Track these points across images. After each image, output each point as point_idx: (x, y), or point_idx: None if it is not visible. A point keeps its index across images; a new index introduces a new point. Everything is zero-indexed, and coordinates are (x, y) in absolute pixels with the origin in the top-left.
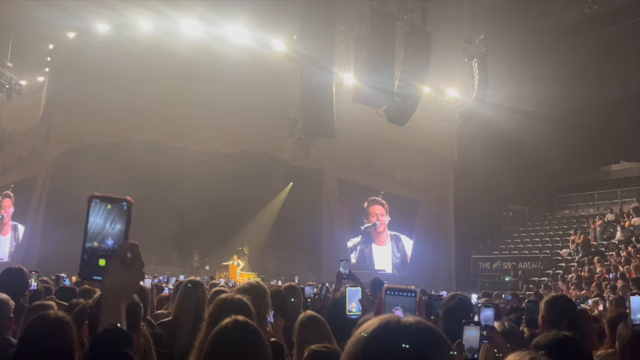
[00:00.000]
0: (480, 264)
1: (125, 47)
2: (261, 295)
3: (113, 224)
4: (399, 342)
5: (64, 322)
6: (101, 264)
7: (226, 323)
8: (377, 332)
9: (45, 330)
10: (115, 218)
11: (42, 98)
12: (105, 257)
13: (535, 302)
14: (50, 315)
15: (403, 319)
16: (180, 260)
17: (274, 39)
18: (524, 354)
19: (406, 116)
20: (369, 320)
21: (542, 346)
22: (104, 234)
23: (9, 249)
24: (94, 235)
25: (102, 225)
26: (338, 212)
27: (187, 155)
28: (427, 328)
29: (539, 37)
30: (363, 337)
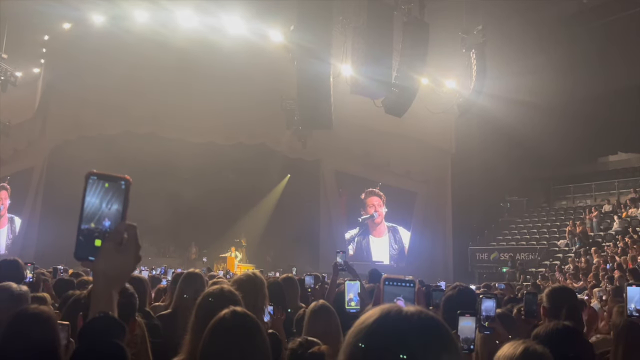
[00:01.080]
0: (478, 255)
1: (121, 38)
2: (258, 287)
3: (110, 204)
4: (401, 331)
5: (43, 316)
6: (97, 245)
7: (224, 314)
8: (379, 322)
9: (25, 326)
10: (113, 198)
11: (37, 89)
12: (102, 237)
13: (534, 293)
14: (29, 311)
15: (404, 308)
16: (178, 252)
17: (270, 30)
18: (518, 343)
19: (404, 107)
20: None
21: (542, 336)
22: (101, 214)
23: (6, 241)
24: (90, 215)
25: (98, 205)
26: (335, 204)
27: (184, 147)
28: (429, 317)
29: (537, 28)
30: (364, 327)
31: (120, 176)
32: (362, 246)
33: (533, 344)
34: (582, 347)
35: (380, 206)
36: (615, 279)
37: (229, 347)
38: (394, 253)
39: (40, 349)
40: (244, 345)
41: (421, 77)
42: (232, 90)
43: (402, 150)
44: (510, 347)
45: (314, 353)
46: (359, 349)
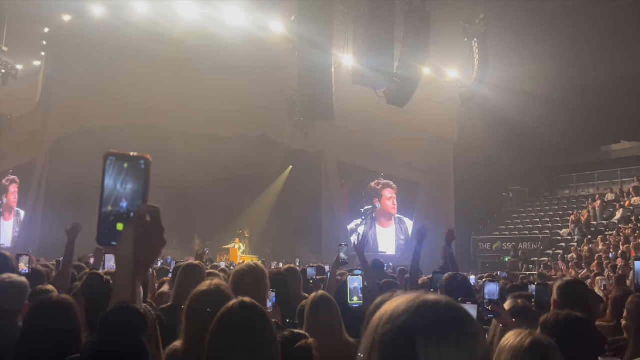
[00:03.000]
0: (481, 244)
1: (120, 30)
2: (260, 277)
3: (125, 183)
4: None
5: (65, 304)
6: (119, 229)
7: (232, 304)
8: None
9: (48, 314)
10: (131, 177)
11: (38, 82)
12: (124, 221)
13: (544, 285)
14: (52, 299)
15: (433, 297)
16: (181, 244)
17: (271, 20)
18: (525, 333)
19: (406, 97)
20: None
21: (552, 326)
22: (117, 195)
23: (12, 234)
24: (108, 198)
25: (113, 186)
26: (338, 195)
27: (186, 139)
28: (457, 307)
29: (539, 16)
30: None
31: (139, 155)
32: (368, 236)
33: (540, 335)
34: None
35: (393, 197)
36: (618, 268)
37: (237, 338)
38: (401, 244)
39: (62, 336)
40: (252, 336)
41: (423, 66)
42: (233, 81)
43: (404, 140)
44: (516, 337)
45: (301, 347)
46: (398, 345)
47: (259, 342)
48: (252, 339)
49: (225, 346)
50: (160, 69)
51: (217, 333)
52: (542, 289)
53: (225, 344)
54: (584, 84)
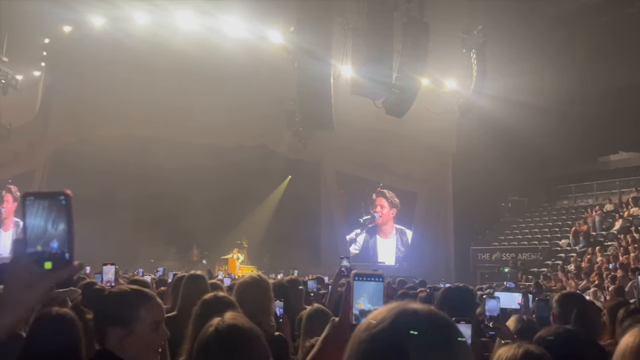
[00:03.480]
0: (480, 255)
1: (121, 41)
2: (264, 289)
3: (55, 224)
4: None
5: (66, 318)
6: (47, 267)
7: (207, 332)
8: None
9: (49, 328)
10: (57, 216)
11: (38, 92)
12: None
13: (545, 300)
14: (53, 312)
15: (417, 307)
16: (180, 254)
17: (270, 31)
18: (516, 346)
19: (404, 108)
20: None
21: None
22: (47, 236)
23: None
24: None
25: (43, 226)
26: (337, 205)
27: (185, 149)
28: (441, 317)
29: (537, 27)
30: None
31: (57, 192)
32: (368, 246)
33: (532, 346)
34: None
35: (384, 207)
36: (617, 279)
37: None
38: (400, 255)
39: (63, 349)
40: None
41: (422, 77)
42: (232, 91)
43: (403, 150)
44: (508, 350)
45: None
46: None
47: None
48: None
49: None
50: (159, 80)
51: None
52: (543, 305)
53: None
54: (582, 95)
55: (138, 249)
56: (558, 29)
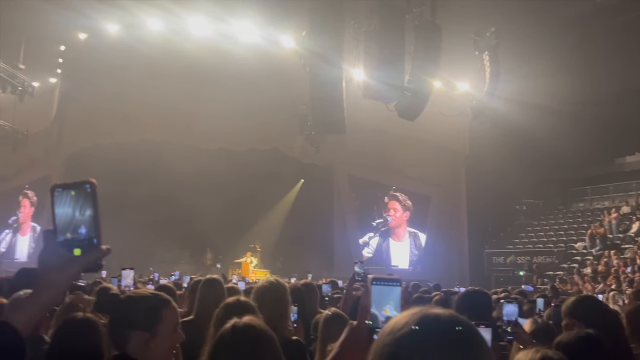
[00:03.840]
0: (494, 258)
1: (135, 48)
2: (281, 294)
3: (83, 210)
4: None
5: (92, 322)
6: (76, 254)
7: (225, 330)
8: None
9: (74, 332)
10: (84, 204)
11: (54, 99)
12: (81, 247)
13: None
14: (78, 317)
15: (439, 312)
16: (194, 258)
17: (282, 36)
18: (534, 351)
19: (417, 111)
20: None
21: (565, 345)
22: (75, 223)
23: (28, 250)
24: (65, 226)
25: (71, 214)
26: (349, 209)
27: (199, 154)
28: (463, 321)
29: (550, 29)
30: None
31: (83, 181)
32: (382, 250)
33: (551, 352)
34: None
35: (397, 210)
36: (636, 282)
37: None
38: (414, 259)
39: (87, 353)
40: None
41: (434, 80)
42: (245, 96)
43: (415, 154)
44: (526, 356)
45: None
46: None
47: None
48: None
49: None
50: (173, 85)
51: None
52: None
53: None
54: (597, 97)
55: (152, 253)
56: (572, 30)
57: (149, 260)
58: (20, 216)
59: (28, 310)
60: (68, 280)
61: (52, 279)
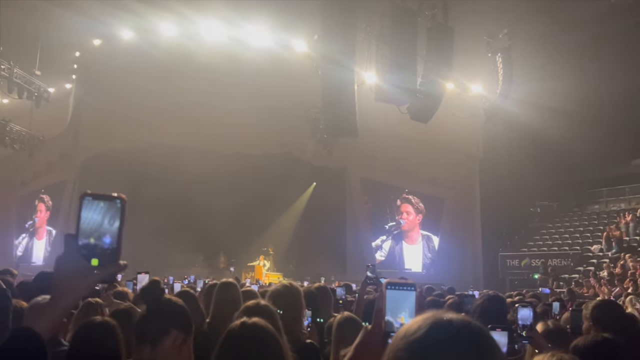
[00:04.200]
0: (509, 261)
1: (148, 53)
2: (295, 297)
3: (110, 221)
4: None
5: (110, 326)
6: (93, 264)
7: (234, 325)
8: (430, 331)
9: (93, 335)
10: (112, 216)
11: (69, 104)
12: (99, 257)
13: (580, 310)
14: (97, 321)
15: (452, 316)
16: (207, 262)
17: (294, 40)
18: (549, 354)
19: (429, 113)
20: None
21: (581, 348)
22: (101, 230)
23: (44, 253)
24: (90, 231)
25: (99, 221)
26: (362, 211)
27: (212, 158)
28: (476, 325)
29: (564, 30)
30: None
31: (115, 195)
32: (394, 253)
33: (566, 355)
34: None
35: (410, 213)
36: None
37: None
38: (427, 262)
39: (105, 357)
40: (255, 356)
41: (446, 82)
42: (257, 100)
43: (428, 156)
44: (542, 358)
45: None
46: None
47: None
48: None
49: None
50: (187, 90)
51: (221, 354)
52: (577, 314)
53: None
54: (612, 97)
55: (166, 256)
56: (586, 31)
57: (162, 263)
58: (36, 220)
59: (48, 315)
60: (86, 287)
61: (70, 285)
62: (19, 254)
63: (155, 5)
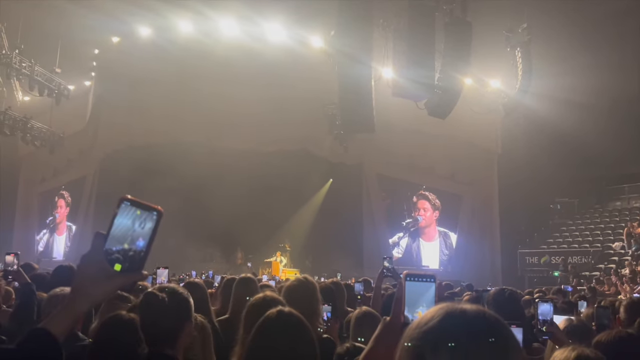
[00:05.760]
0: (528, 258)
1: (166, 50)
2: (311, 291)
3: (144, 229)
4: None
5: (135, 323)
6: (116, 269)
7: (270, 313)
8: (443, 320)
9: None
10: (146, 225)
11: (89, 101)
12: (123, 263)
13: (605, 307)
14: (124, 317)
15: (466, 306)
16: (224, 257)
17: (311, 36)
18: (570, 349)
19: (447, 109)
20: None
21: (604, 344)
22: (134, 235)
23: (64, 249)
24: (119, 236)
25: (131, 227)
26: (378, 208)
27: (229, 154)
28: (490, 315)
29: (583, 25)
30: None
31: (154, 206)
32: (411, 250)
33: (587, 349)
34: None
35: (427, 210)
36: None
37: (275, 344)
38: (444, 259)
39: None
40: (290, 344)
41: (465, 77)
42: (274, 97)
43: (446, 152)
44: (564, 352)
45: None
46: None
47: (296, 350)
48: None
49: (263, 352)
50: (204, 87)
51: (256, 339)
52: (602, 311)
53: (264, 350)
54: (633, 92)
55: (184, 253)
56: (605, 26)
57: (180, 259)
58: (56, 216)
59: (65, 318)
60: (104, 294)
61: (88, 291)
62: (40, 249)
63: (172, 3)
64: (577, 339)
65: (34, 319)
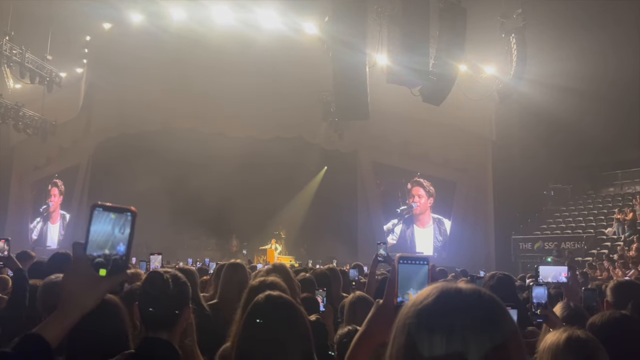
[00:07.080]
0: (521, 244)
1: (159, 37)
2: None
3: (121, 231)
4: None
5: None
6: (101, 274)
7: (258, 298)
8: (438, 301)
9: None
10: (122, 227)
11: (81, 89)
12: (107, 267)
13: (592, 289)
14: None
15: (463, 287)
16: (219, 245)
17: (305, 23)
18: (562, 330)
19: (442, 95)
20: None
21: (598, 326)
22: (113, 240)
23: (58, 237)
24: (99, 242)
25: (109, 232)
26: (373, 195)
27: (223, 142)
28: (489, 296)
29: (578, 10)
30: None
31: (126, 207)
32: (405, 236)
33: (579, 331)
34: None
35: (422, 197)
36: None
37: (264, 330)
38: (438, 245)
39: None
40: (280, 328)
41: (459, 63)
42: (268, 84)
43: (441, 139)
44: (554, 335)
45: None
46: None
47: (286, 333)
48: (280, 330)
49: (253, 338)
50: (197, 74)
51: (246, 326)
52: (590, 293)
53: (253, 336)
54: (627, 78)
55: (179, 240)
56: (600, 12)
57: (175, 246)
58: (50, 204)
59: (58, 325)
60: (94, 301)
61: (78, 301)
62: (34, 237)
63: None
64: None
65: (25, 304)
